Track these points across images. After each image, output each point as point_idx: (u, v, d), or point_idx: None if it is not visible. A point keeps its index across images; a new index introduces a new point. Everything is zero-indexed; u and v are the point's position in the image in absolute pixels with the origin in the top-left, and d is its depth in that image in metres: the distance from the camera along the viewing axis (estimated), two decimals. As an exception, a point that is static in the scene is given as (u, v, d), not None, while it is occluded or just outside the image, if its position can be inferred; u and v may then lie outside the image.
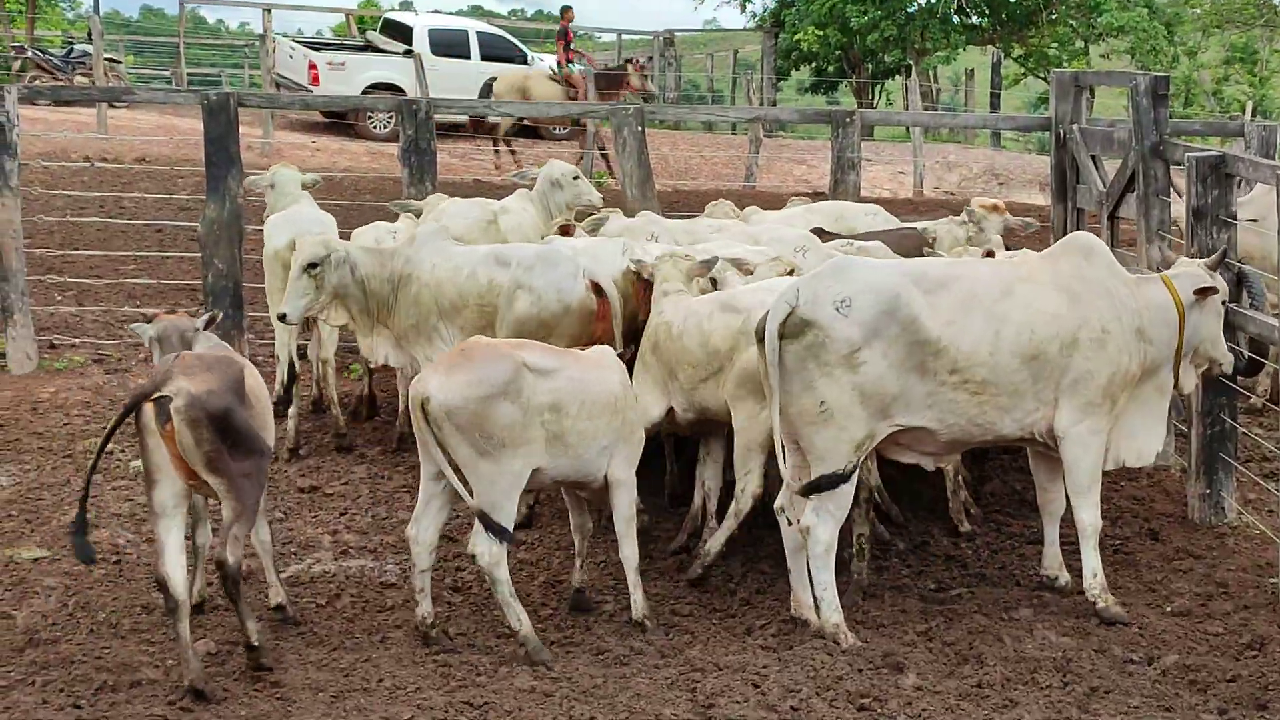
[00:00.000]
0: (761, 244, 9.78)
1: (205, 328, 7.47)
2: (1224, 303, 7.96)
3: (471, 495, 7.07)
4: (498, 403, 7.01)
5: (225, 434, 6.69)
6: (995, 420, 7.50)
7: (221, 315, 7.54)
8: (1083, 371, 7.50)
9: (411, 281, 9.18)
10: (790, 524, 7.53)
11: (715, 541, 8.15)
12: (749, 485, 8.02)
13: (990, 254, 9.02)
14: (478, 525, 7.07)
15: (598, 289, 8.91)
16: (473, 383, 7.01)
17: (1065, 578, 8.00)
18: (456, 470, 7.05)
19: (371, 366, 10.58)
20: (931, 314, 7.30)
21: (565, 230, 10.08)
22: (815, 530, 7.30)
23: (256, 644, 6.88)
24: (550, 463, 7.23)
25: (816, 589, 7.38)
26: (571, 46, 26.77)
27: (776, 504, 7.68)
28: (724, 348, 8.03)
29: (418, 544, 7.26)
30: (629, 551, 7.56)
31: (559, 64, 26.26)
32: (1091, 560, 7.76)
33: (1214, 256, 8.07)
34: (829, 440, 7.24)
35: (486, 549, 7.04)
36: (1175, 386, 7.91)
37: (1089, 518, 7.75)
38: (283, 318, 9.23)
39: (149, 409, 6.60)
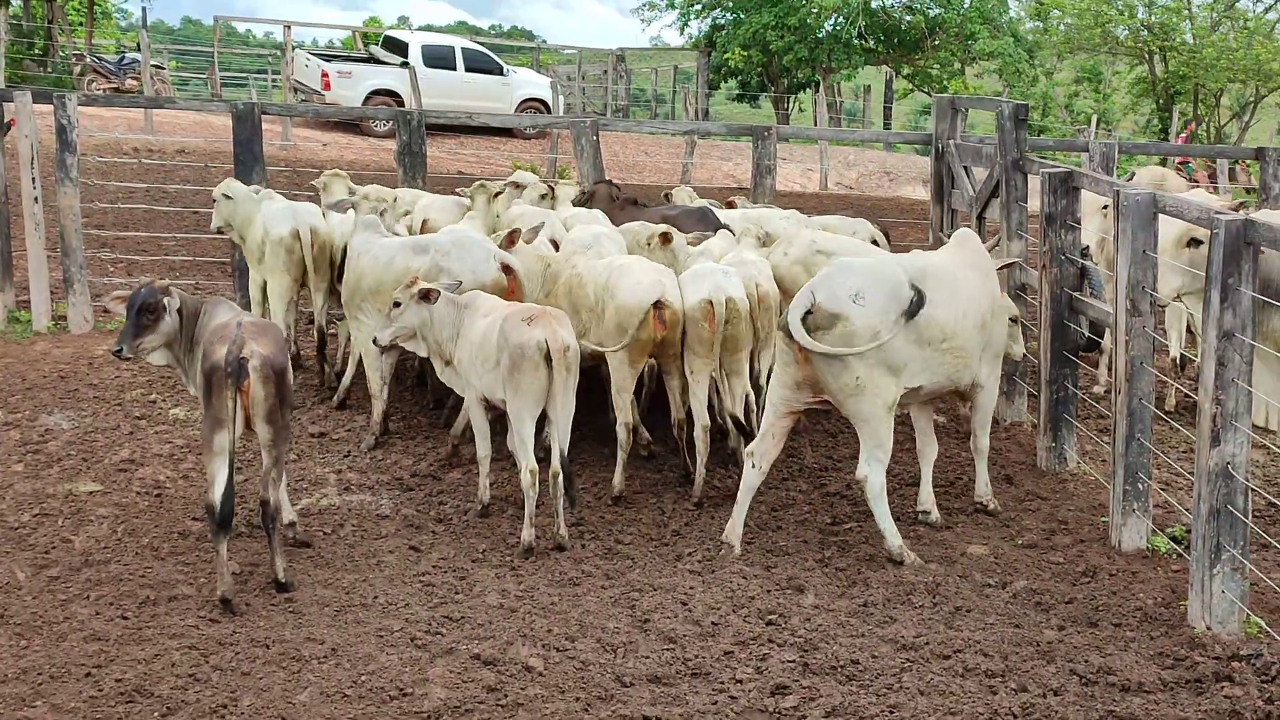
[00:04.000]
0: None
1: None
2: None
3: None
4: None
5: (280, 389, 6.69)
6: (961, 376, 7.74)
7: None
8: (993, 334, 7.88)
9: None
10: (754, 467, 7.57)
11: (618, 476, 8.45)
12: (622, 419, 8.40)
13: None
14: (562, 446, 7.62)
15: (508, 269, 8.81)
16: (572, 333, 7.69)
17: (936, 514, 8.07)
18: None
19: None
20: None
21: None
22: (871, 478, 7.37)
23: (285, 580, 6.87)
24: None
25: (879, 522, 7.46)
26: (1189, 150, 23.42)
27: (747, 449, 7.69)
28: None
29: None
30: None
31: (1182, 163, 23.47)
32: (985, 473, 8.25)
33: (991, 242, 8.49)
34: (867, 406, 7.28)
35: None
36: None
37: (986, 443, 8.20)
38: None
39: (230, 366, 6.57)
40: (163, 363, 7.41)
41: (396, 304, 8.01)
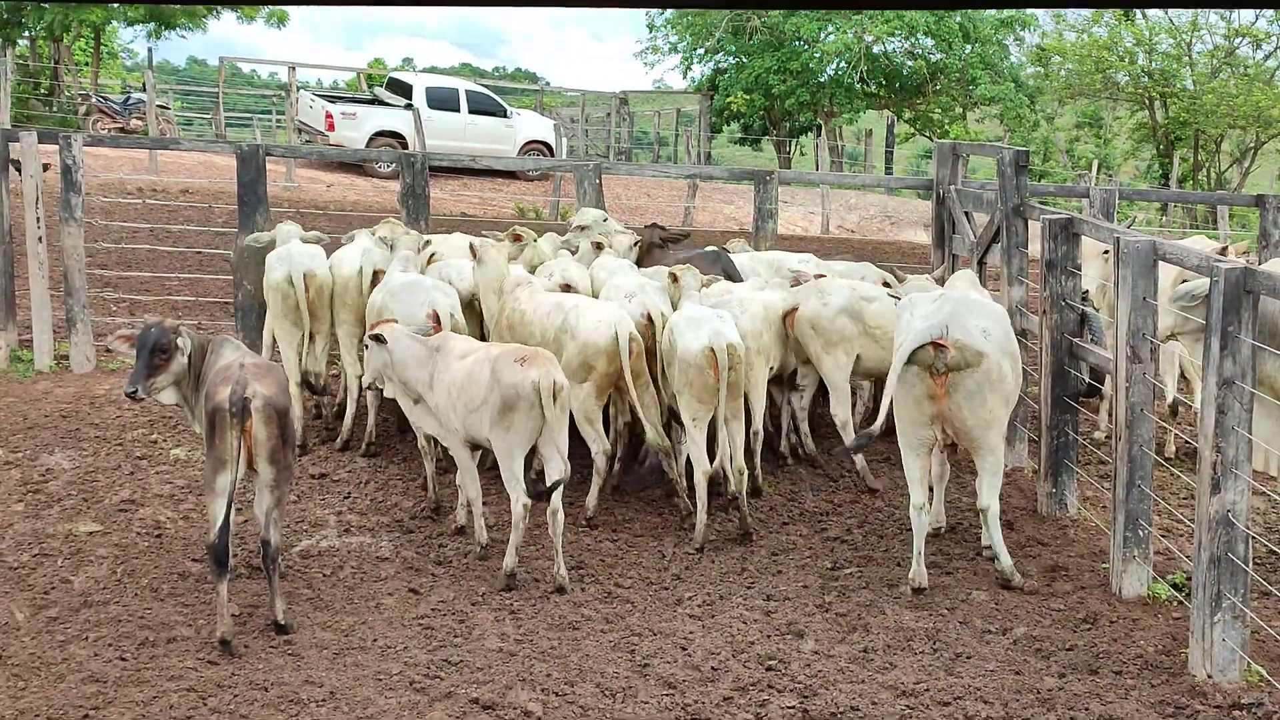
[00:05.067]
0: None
1: None
2: None
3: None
4: None
5: (284, 430, 6.72)
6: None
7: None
8: None
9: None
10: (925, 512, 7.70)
11: (592, 496, 8.76)
12: (600, 446, 8.68)
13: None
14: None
15: (436, 318, 8.86)
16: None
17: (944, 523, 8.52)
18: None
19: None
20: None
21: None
22: (992, 506, 7.63)
23: (284, 623, 6.87)
24: None
25: (994, 545, 7.69)
26: None
27: (916, 502, 7.67)
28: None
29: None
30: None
31: None
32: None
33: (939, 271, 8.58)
34: (995, 437, 7.56)
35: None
36: None
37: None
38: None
39: (234, 407, 6.60)
40: (171, 401, 7.45)
41: (365, 346, 8.20)
